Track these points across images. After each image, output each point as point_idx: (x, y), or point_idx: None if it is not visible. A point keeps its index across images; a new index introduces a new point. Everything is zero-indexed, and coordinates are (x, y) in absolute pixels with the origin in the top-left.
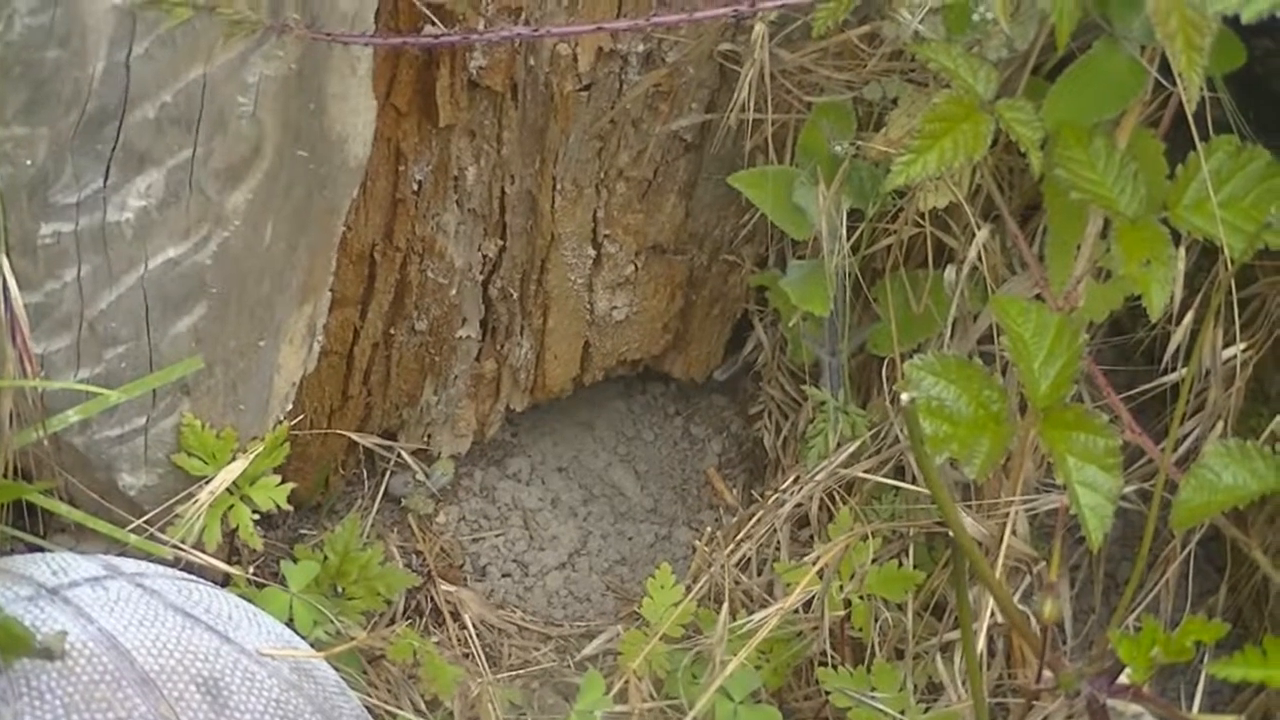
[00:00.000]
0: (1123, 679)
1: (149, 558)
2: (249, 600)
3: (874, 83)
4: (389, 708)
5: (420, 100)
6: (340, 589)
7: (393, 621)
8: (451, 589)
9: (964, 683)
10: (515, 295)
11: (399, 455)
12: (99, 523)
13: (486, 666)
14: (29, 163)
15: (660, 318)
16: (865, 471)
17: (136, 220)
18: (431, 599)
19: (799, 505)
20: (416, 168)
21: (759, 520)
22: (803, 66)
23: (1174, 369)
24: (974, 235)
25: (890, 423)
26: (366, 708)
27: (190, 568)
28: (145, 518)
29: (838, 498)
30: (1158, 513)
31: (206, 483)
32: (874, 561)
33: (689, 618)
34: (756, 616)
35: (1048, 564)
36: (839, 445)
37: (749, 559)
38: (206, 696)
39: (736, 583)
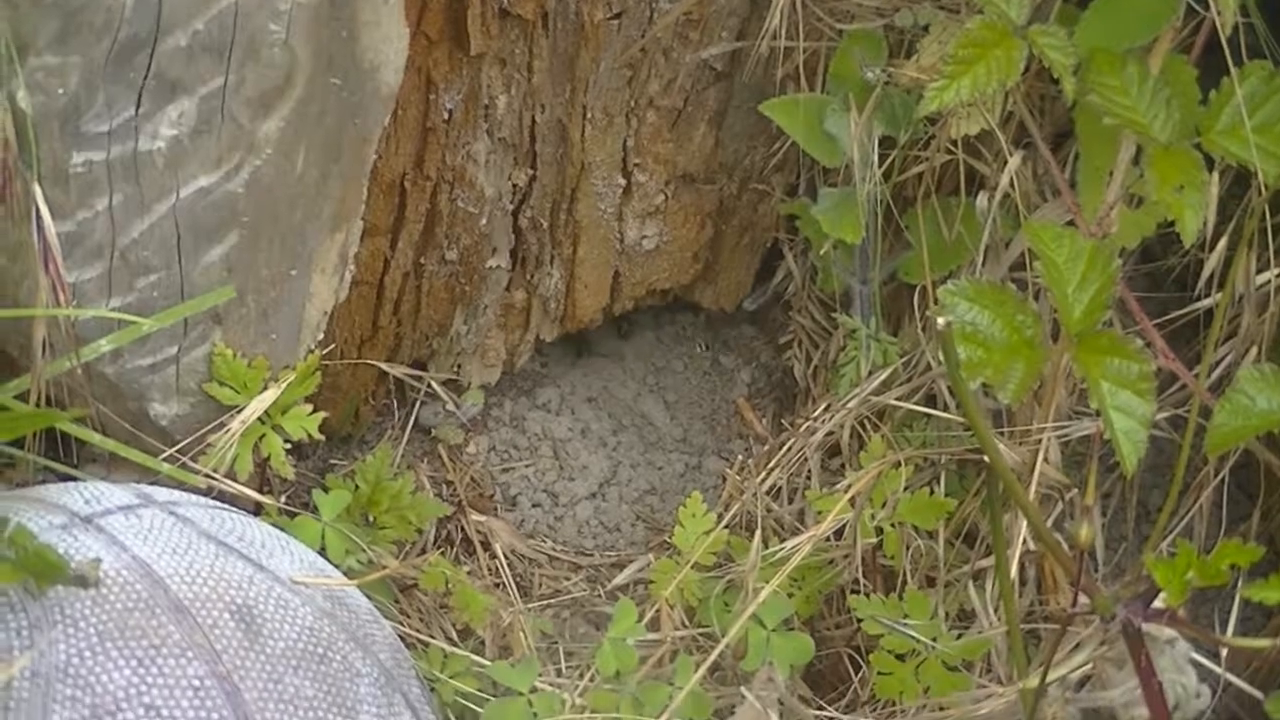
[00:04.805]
0: (1157, 603)
1: (181, 487)
2: (281, 529)
3: (905, 9)
4: (421, 636)
5: (451, 28)
6: (371, 518)
7: (424, 551)
8: (482, 519)
9: (996, 610)
10: (545, 224)
11: (429, 385)
12: (131, 452)
13: (518, 596)
14: (61, 91)
15: (690, 247)
16: (897, 399)
17: (168, 149)
18: (462, 529)
19: (830, 434)
20: (447, 96)
21: (790, 449)
22: None
23: (1206, 295)
24: (1006, 162)
25: (922, 350)
26: (399, 636)
27: (222, 497)
28: (177, 447)
29: (869, 426)
30: (1190, 438)
31: (238, 412)
32: (905, 489)
33: (721, 546)
34: (788, 544)
35: (1081, 490)
36: (870, 373)
37: (780, 487)
38: (240, 624)
39: (768, 510)
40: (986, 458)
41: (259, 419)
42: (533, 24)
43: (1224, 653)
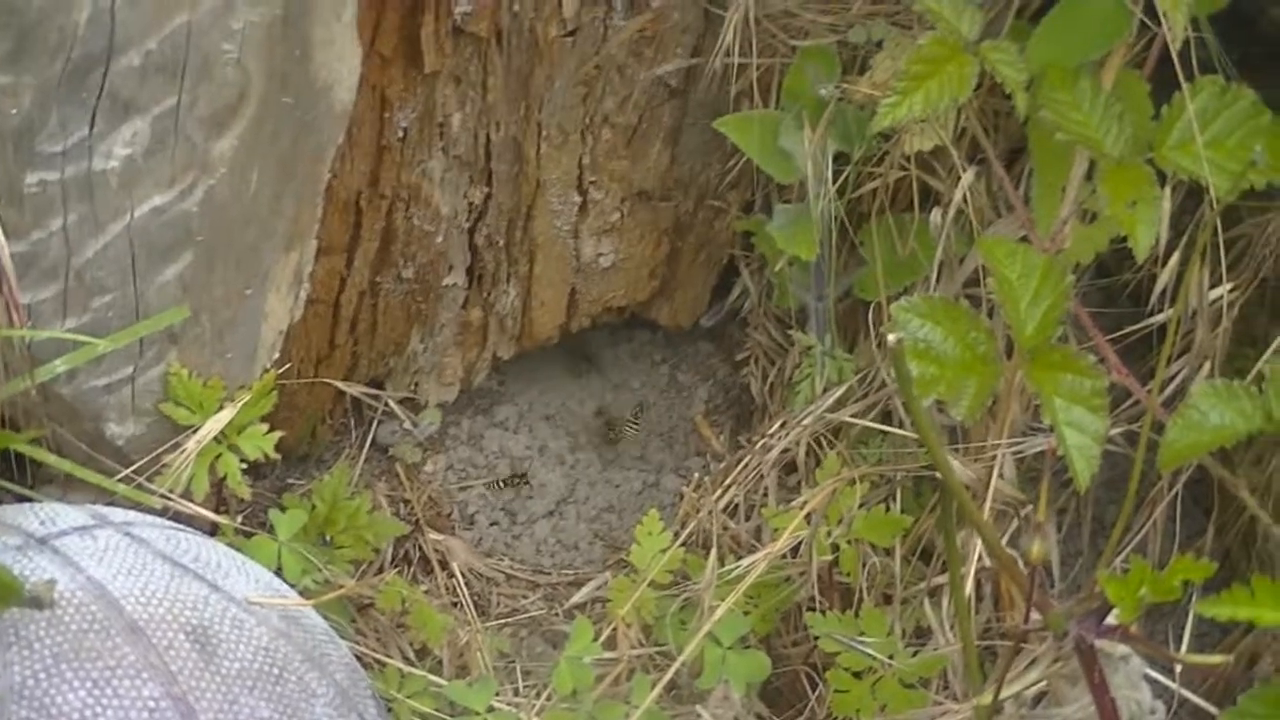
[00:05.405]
0: (1110, 619)
1: (137, 507)
2: (237, 549)
3: (858, 26)
4: (378, 655)
5: (405, 47)
6: (328, 538)
7: (381, 570)
8: (439, 537)
9: (952, 627)
10: (501, 242)
11: (386, 404)
12: (87, 472)
13: (475, 614)
14: (14, 111)
15: (646, 264)
16: (852, 416)
17: (122, 168)
18: (419, 547)
19: (786, 450)
20: (402, 114)
21: (746, 466)
22: (787, 10)
23: (1160, 310)
24: (959, 178)
25: (877, 367)
26: (355, 655)
27: (178, 517)
28: (133, 467)
29: (825, 443)
30: (1144, 454)
31: (194, 432)
32: (861, 506)
33: (677, 564)
34: (744, 562)
35: (1035, 506)
36: (826, 390)
37: (736, 505)
38: (195, 644)
39: (724, 528)
40: (940, 475)
41: (215, 439)
42: (487, 42)
43: (1178, 669)
